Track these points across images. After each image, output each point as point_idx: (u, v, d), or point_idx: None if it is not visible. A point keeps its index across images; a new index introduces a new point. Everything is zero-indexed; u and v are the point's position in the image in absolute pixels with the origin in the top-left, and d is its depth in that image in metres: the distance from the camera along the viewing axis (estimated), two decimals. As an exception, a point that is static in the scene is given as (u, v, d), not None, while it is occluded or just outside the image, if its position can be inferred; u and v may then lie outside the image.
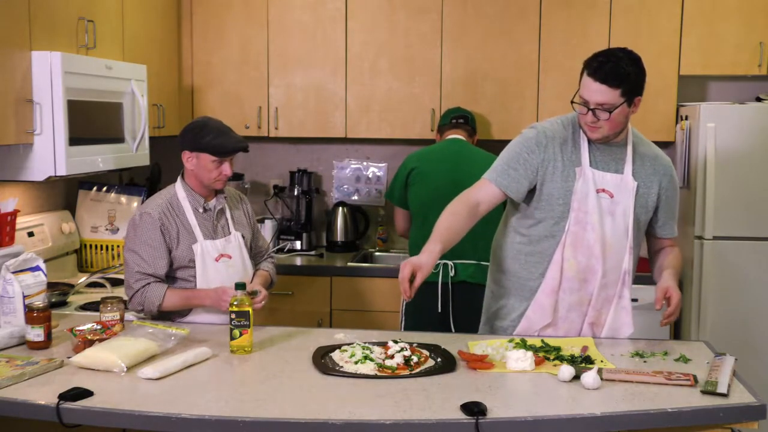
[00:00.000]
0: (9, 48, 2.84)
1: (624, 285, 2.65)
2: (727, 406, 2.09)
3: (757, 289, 3.91)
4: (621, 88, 2.50)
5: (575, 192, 2.60)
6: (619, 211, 2.62)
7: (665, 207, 2.72)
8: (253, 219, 3.08)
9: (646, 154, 2.68)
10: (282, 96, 4.44)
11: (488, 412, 2.01)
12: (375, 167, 4.77)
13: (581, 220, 2.60)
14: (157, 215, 2.78)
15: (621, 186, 2.62)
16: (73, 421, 2.07)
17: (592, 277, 2.62)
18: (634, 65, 2.55)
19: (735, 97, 4.38)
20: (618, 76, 2.50)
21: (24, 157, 3.00)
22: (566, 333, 2.68)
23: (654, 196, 2.67)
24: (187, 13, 4.44)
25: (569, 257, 2.61)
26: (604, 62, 2.52)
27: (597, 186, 2.61)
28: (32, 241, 3.44)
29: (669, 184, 2.70)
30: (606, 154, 2.64)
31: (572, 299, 2.65)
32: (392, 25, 4.34)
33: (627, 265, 2.64)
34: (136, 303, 2.78)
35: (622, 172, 2.63)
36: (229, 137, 2.80)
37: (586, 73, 2.54)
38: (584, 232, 2.60)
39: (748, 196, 3.88)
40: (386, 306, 4.09)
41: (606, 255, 2.60)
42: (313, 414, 2.01)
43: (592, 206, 2.60)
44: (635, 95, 2.55)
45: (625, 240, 2.63)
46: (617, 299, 2.65)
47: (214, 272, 2.82)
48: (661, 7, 4.17)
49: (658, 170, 2.68)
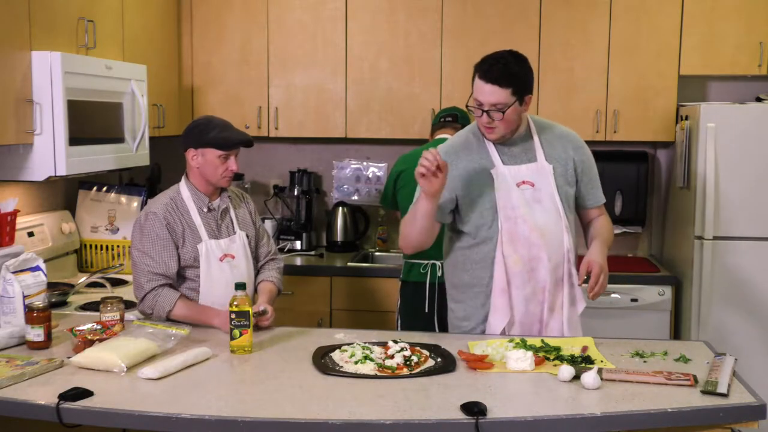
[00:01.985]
0: (9, 48, 2.84)
1: (569, 263, 2.72)
2: (727, 406, 2.09)
3: (757, 289, 3.91)
4: (511, 87, 2.61)
5: (497, 191, 2.69)
6: (544, 196, 2.70)
7: (584, 178, 2.80)
8: (257, 219, 3.06)
9: (552, 136, 2.78)
10: (282, 96, 4.44)
11: (488, 412, 2.01)
12: (375, 167, 4.78)
13: (510, 216, 2.69)
14: (162, 214, 2.78)
15: (539, 173, 2.71)
16: (73, 421, 2.07)
17: (540, 265, 2.69)
18: (521, 65, 2.67)
19: (735, 97, 4.38)
20: (507, 76, 2.61)
21: (24, 157, 3.01)
22: (530, 325, 2.73)
23: (571, 171, 2.77)
24: (187, 13, 4.44)
25: (510, 253, 2.68)
26: (493, 64, 2.63)
27: (516, 180, 2.70)
28: (32, 241, 3.44)
29: (582, 156, 2.79)
30: (514, 148, 2.74)
31: (526, 292, 2.71)
32: (392, 25, 4.34)
33: (567, 245, 2.72)
34: (147, 305, 2.76)
35: (536, 160, 2.73)
36: (233, 132, 2.82)
37: (478, 76, 2.65)
38: (516, 226, 2.68)
39: (748, 196, 3.88)
40: (386, 306, 4.08)
41: (546, 240, 2.68)
42: (313, 414, 2.02)
43: (516, 200, 2.68)
44: (525, 93, 2.66)
45: (559, 221, 2.71)
46: (567, 277, 2.72)
47: (218, 272, 2.82)
48: (661, 7, 4.18)
49: (567, 146, 2.78)
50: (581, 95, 4.26)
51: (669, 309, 4.04)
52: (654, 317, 4.02)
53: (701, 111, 3.88)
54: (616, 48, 4.21)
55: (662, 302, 4.03)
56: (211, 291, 2.81)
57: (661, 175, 4.57)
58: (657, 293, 4.02)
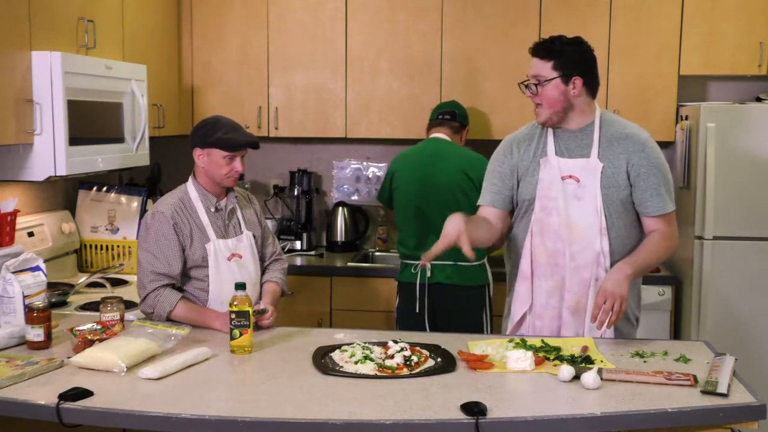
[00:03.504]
0: (9, 48, 2.84)
1: (599, 266, 2.65)
2: (727, 406, 2.09)
3: (757, 289, 3.91)
4: (552, 61, 2.63)
5: (540, 181, 2.70)
6: (587, 194, 2.66)
7: (640, 183, 2.66)
8: (263, 220, 3.07)
9: (616, 135, 2.70)
10: (282, 96, 4.44)
11: (488, 412, 2.01)
12: (375, 167, 4.78)
13: (546, 206, 2.69)
14: (169, 214, 2.78)
15: (587, 169, 2.67)
16: (73, 421, 2.07)
17: (561, 261, 2.68)
18: (573, 46, 2.67)
19: (735, 97, 4.38)
20: (549, 50, 2.64)
21: (24, 157, 3.00)
22: (550, 321, 2.72)
23: (623, 173, 2.67)
24: (187, 13, 4.44)
25: (538, 243, 2.70)
26: (544, 40, 2.69)
27: (563, 173, 2.68)
28: (32, 241, 3.44)
29: (641, 160, 2.66)
30: (573, 141, 2.71)
31: (548, 285, 2.71)
32: (392, 25, 4.34)
33: (600, 247, 2.65)
34: (148, 305, 2.77)
35: (589, 156, 2.68)
36: (240, 133, 2.83)
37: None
38: (549, 217, 2.68)
39: (748, 196, 3.88)
40: (386, 306, 4.09)
41: (573, 238, 2.66)
42: (313, 414, 2.02)
43: (556, 192, 2.67)
44: (573, 74, 2.64)
45: (596, 221, 2.65)
46: (594, 282, 2.65)
47: (226, 272, 2.82)
48: (661, 7, 4.17)
49: (627, 148, 2.67)
50: (581, 95, 4.25)
51: (669, 309, 4.04)
52: (654, 317, 4.02)
53: (701, 111, 3.88)
54: (616, 48, 4.21)
55: (662, 302, 4.03)
56: (220, 290, 2.82)
57: (661, 175, 4.56)
58: (657, 293, 4.02)
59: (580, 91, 2.66)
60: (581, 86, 2.65)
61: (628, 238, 2.70)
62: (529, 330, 2.77)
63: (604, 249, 2.65)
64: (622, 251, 2.66)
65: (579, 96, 2.66)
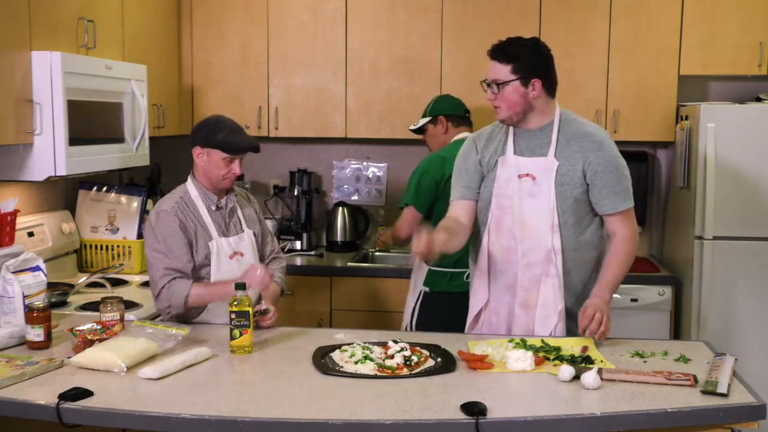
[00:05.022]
0: (9, 48, 2.84)
1: (550, 263, 2.68)
2: (727, 406, 2.09)
3: (757, 289, 3.91)
4: (511, 64, 2.66)
5: (497, 179, 2.74)
6: (541, 192, 2.69)
7: (597, 181, 2.67)
8: (263, 220, 3.07)
9: (574, 134, 2.72)
10: (282, 96, 4.44)
11: (488, 412, 2.01)
12: (375, 167, 4.77)
13: (502, 204, 2.74)
14: (173, 212, 2.78)
15: (543, 168, 2.70)
16: (73, 421, 2.07)
17: (514, 257, 2.73)
18: (531, 48, 2.70)
19: (735, 97, 4.38)
20: (507, 53, 2.67)
21: (24, 157, 3.00)
22: (505, 317, 2.77)
23: (579, 172, 2.68)
24: (187, 13, 4.44)
25: (494, 240, 2.76)
26: (501, 42, 2.71)
27: (520, 171, 2.72)
28: (32, 241, 3.44)
29: (598, 158, 2.67)
30: (531, 141, 2.74)
31: (502, 281, 2.77)
32: (392, 25, 4.34)
33: (552, 244, 2.68)
34: (164, 299, 2.75)
35: (546, 155, 2.71)
36: (242, 136, 2.82)
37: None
38: (504, 215, 2.73)
39: (748, 196, 3.88)
40: (386, 306, 4.09)
41: (525, 235, 2.70)
42: (313, 414, 2.02)
43: (512, 190, 2.72)
44: (532, 76, 2.67)
45: (548, 219, 2.68)
46: (544, 277, 2.70)
47: (228, 270, 2.82)
48: (661, 7, 4.17)
49: (584, 147, 2.69)
50: (581, 95, 4.25)
51: (669, 309, 4.04)
52: (654, 317, 4.02)
53: (701, 111, 3.88)
54: (616, 48, 4.21)
55: (662, 302, 4.03)
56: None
57: (661, 175, 4.56)
58: (657, 293, 4.02)
59: (539, 93, 2.69)
60: (540, 88, 2.69)
61: (580, 236, 2.73)
62: (484, 326, 2.82)
63: (556, 246, 2.68)
64: (573, 248, 2.71)
65: (538, 97, 2.70)
